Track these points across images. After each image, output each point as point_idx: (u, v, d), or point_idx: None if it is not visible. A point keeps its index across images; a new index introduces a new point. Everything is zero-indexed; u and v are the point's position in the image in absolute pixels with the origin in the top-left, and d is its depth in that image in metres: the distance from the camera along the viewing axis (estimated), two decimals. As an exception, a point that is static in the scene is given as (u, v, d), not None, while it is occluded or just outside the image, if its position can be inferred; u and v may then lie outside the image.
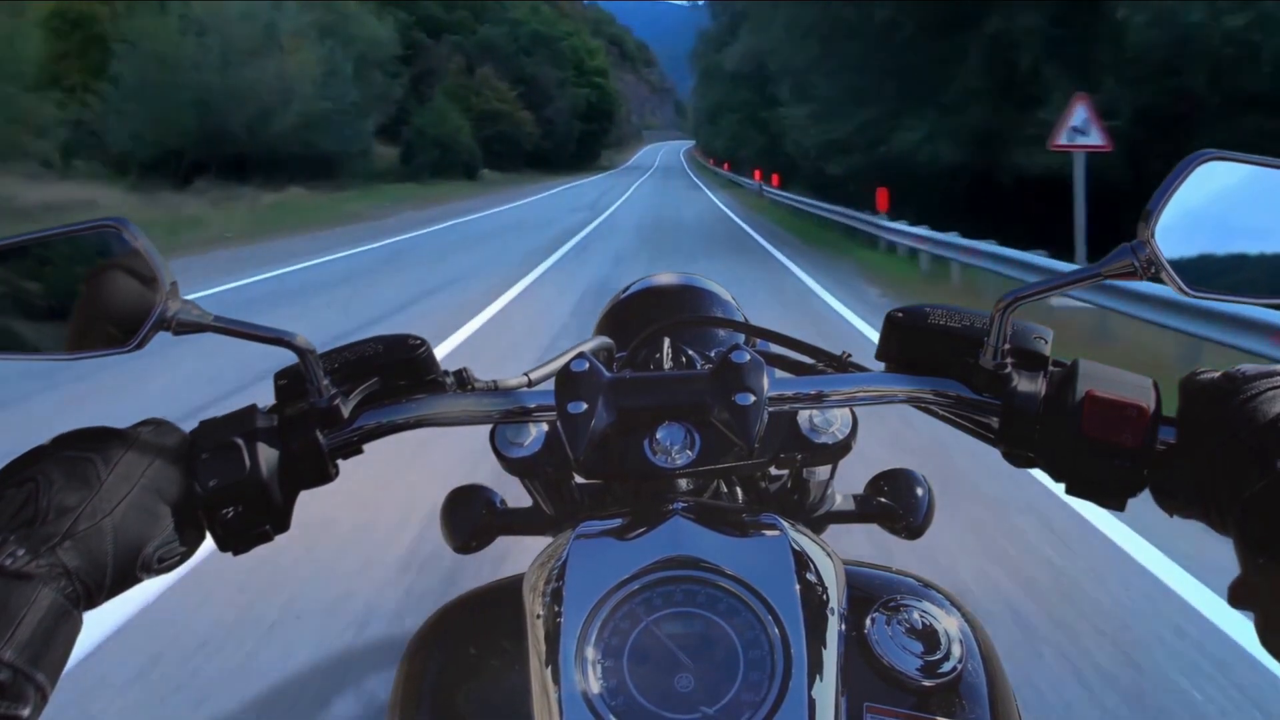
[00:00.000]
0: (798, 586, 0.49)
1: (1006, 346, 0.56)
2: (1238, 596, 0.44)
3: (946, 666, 0.50)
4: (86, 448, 0.48)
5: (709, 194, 29.14)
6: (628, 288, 1.14)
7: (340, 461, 0.58)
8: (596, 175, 51.85)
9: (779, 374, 0.65)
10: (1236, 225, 0.54)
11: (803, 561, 0.51)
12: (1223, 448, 0.47)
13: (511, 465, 0.75)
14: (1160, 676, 1.95)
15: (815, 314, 6.92)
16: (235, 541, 0.53)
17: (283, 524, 0.54)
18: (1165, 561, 2.49)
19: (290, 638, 2.15)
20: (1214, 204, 0.52)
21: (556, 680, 0.45)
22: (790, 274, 9.46)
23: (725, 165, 43.00)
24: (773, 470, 0.80)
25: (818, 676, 0.45)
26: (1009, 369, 0.55)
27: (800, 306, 7.28)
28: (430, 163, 35.17)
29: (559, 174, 49.84)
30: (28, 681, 0.40)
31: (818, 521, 0.83)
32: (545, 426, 0.75)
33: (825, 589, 0.51)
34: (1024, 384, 0.55)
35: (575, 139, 61.06)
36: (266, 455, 0.53)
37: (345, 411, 0.57)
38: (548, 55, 58.96)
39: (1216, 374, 0.51)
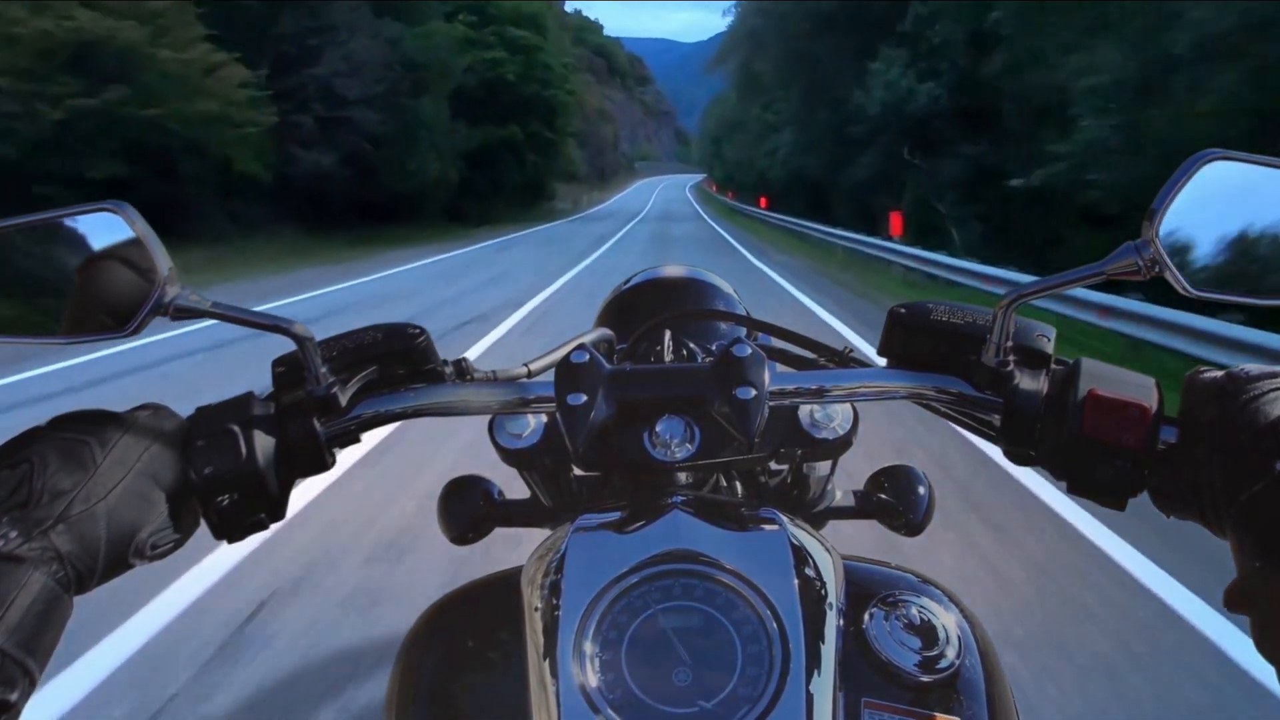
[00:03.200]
0: (796, 581, 0.49)
1: (1009, 344, 0.55)
2: (1234, 600, 0.44)
3: (944, 663, 0.50)
4: (83, 430, 0.48)
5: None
6: (630, 279, 1.13)
7: (337, 450, 0.57)
8: (504, 236, 21.77)
9: (780, 369, 0.64)
10: (1241, 225, 0.54)
11: (801, 556, 0.51)
12: (1222, 448, 0.46)
13: (510, 456, 0.75)
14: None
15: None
16: (230, 530, 0.52)
17: (278, 513, 0.54)
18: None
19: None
20: (1218, 204, 0.52)
21: (554, 673, 0.45)
22: None
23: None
24: (773, 465, 0.80)
25: (815, 672, 0.45)
26: (1011, 367, 0.55)
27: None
28: None
29: (347, 252, 16.17)
30: (16, 666, 0.40)
31: (817, 517, 0.83)
32: (544, 418, 0.75)
33: (823, 584, 0.50)
34: (1026, 382, 0.55)
35: (453, 158, 25.73)
36: (263, 443, 0.52)
37: (343, 400, 0.56)
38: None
39: (1219, 373, 0.50)
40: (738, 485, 0.78)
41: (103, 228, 0.52)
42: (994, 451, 0.62)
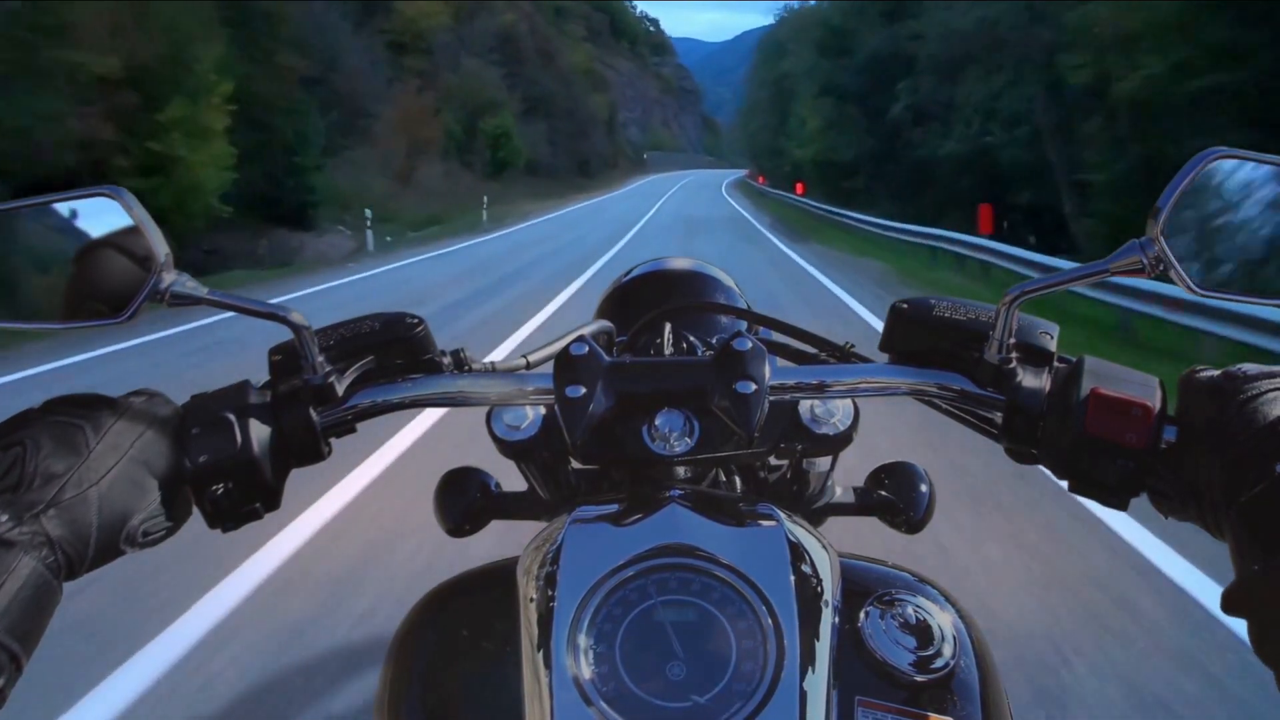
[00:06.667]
0: (792, 578, 0.48)
1: (1011, 341, 0.55)
2: (1232, 603, 0.43)
3: (939, 662, 0.50)
4: (77, 414, 0.47)
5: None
6: (630, 271, 1.12)
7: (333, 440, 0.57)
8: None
9: (781, 363, 0.64)
10: (1246, 224, 0.54)
11: (798, 553, 0.51)
12: (1220, 449, 0.46)
13: (507, 449, 0.75)
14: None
15: None
16: (224, 519, 0.52)
17: (273, 502, 0.54)
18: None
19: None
20: (1223, 202, 0.52)
21: (548, 665, 0.45)
22: None
23: None
24: (772, 460, 0.80)
25: (810, 668, 0.45)
26: (1014, 364, 0.55)
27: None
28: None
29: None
30: (3, 651, 0.39)
31: (817, 513, 0.83)
32: (542, 410, 0.75)
33: (820, 581, 0.50)
34: (1028, 379, 0.55)
35: None
36: (258, 432, 0.52)
37: (339, 389, 0.56)
38: None
39: (1216, 373, 0.50)
40: (737, 480, 0.78)
41: (100, 213, 0.52)
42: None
